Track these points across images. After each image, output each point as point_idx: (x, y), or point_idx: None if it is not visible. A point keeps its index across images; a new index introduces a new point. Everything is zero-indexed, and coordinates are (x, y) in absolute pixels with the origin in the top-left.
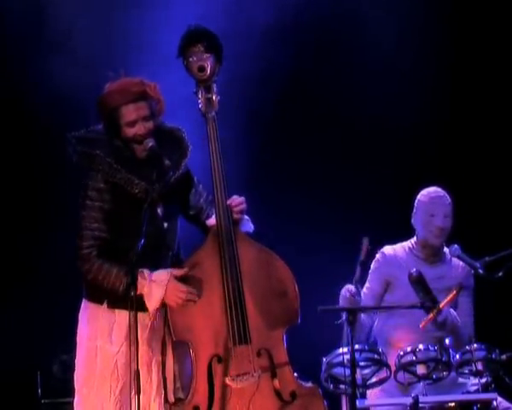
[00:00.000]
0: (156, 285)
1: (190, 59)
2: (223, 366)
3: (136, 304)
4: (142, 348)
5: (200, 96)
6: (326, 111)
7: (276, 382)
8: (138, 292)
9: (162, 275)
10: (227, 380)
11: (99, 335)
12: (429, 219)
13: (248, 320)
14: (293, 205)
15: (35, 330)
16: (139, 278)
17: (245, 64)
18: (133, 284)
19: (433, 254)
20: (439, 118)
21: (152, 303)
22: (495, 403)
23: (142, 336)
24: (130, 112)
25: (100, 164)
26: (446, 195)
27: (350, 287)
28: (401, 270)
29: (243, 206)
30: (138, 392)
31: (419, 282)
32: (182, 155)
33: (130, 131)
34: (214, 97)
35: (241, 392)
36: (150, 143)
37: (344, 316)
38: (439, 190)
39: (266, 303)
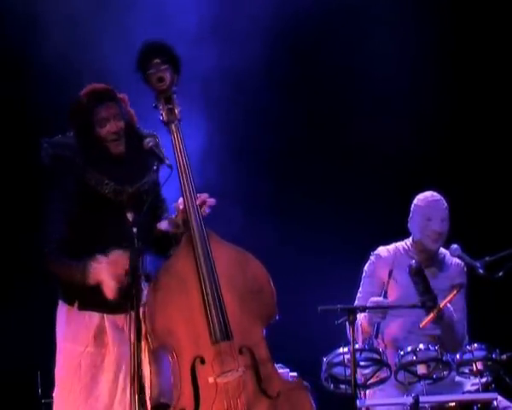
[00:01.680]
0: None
1: (149, 72)
2: (206, 367)
3: (107, 305)
4: (113, 349)
5: (160, 107)
6: (327, 112)
7: (260, 379)
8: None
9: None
10: (211, 379)
11: (66, 336)
12: (426, 223)
13: (228, 318)
14: (293, 205)
15: (35, 329)
16: (93, 264)
17: (249, 61)
18: (134, 283)
19: (429, 258)
20: (439, 119)
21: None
22: (495, 403)
23: (114, 337)
24: (101, 111)
25: (69, 165)
26: (442, 199)
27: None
28: (397, 270)
29: (211, 201)
30: (139, 392)
31: (419, 274)
32: (152, 163)
33: (103, 131)
34: (175, 108)
35: (227, 389)
36: (150, 143)
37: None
38: (435, 194)
39: (244, 301)
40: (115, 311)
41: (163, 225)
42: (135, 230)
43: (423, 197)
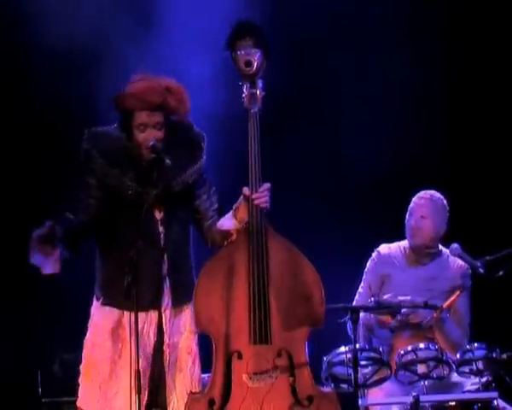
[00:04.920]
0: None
1: (238, 52)
2: (242, 363)
3: (128, 303)
4: (127, 347)
5: (244, 90)
6: (327, 113)
7: (294, 383)
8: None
9: None
10: (244, 377)
11: (90, 329)
12: (408, 218)
13: (271, 320)
14: (294, 206)
15: (36, 329)
16: None
17: None
18: (134, 283)
19: (421, 255)
20: (440, 119)
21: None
22: (495, 402)
23: (129, 336)
24: (142, 117)
25: (93, 163)
26: (435, 199)
27: None
28: (395, 269)
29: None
30: (139, 392)
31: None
32: (191, 161)
33: (140, 136)
34: (259, 93)
35: (257, 392)
36: (152, 141)
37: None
38: (429, 193)
39: (290, 304)
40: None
41: (226, 223)
42: (161, 228)
43: (417, 195)
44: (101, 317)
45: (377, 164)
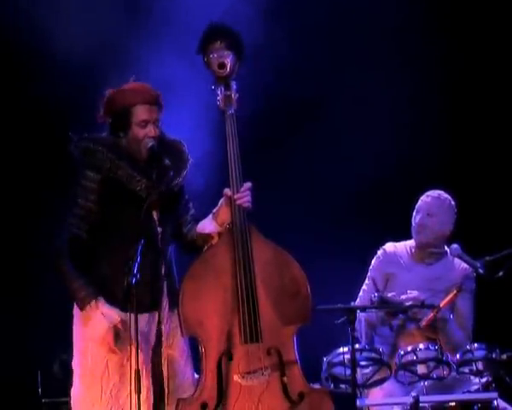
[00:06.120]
0: (101, 320)
1: (211, 55)
2: (232, 364)
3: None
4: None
5: (219, 93)
6: (333, 112)
7: (285, 381)
8: (85, 311)
9: (113, 314)
10: (236, 377)
11: (91, 335)
12: (414, 215)
13: (260, 318)
14: (292, 206)
15: (36, 329)
16: (93, 303)
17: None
18: (132, 284)
19: (426, 255)
20: (440, 122)
21: (90, 330)
22: (495, 403)
23: (134, 337)
24: (143, 112)
25: (101, 160)
26: (442, 198)
27: None
28: (399, 268)
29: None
30: (138, 392)
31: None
32: (183, 166)
33: (141, 132)
34: (233, 95)
35: (250, 390)
36: (150, 143)
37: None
38: (437, 192)
39: (278, 302)
40: (138, 310)
41: (207, 226)
42: (160, 230)
43: (425, 193)
44: (100, 323)
45: (377, 166)
